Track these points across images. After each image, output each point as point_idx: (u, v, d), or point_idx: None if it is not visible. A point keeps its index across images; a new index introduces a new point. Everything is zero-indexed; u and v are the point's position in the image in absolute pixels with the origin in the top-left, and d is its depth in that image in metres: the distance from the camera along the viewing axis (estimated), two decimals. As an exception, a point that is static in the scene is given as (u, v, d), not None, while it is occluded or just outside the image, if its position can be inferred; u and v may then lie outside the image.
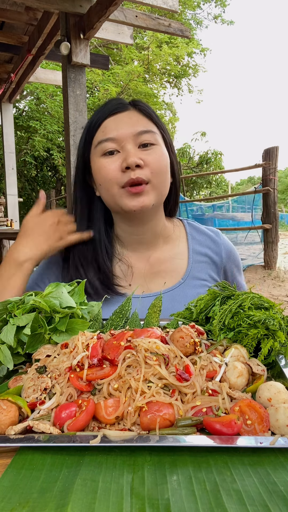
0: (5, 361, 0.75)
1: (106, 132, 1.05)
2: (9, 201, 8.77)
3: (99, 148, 1.06)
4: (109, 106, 1.10)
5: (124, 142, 1.04)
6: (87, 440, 0.53)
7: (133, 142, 1.04)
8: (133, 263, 1.16)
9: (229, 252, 1.25)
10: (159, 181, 1.06)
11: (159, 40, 15.63)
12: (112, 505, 0.45)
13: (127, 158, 1.01)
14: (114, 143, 1.04)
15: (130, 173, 1.01)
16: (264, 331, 0.73)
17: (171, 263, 1.18)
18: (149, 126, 1.07)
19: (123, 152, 1.04)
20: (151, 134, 1.05)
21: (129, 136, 1.04)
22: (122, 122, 1.06)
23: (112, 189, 1.05)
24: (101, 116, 1.09)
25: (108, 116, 1.08)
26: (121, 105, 1.09)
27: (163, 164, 1.07)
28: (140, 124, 1.06)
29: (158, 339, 0.70)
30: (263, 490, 0.47)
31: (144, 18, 4.27)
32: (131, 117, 1.07)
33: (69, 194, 4.55)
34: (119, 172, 1.03)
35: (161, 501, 0.45)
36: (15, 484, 0.49)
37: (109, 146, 1.04)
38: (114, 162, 1.04)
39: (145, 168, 1.03)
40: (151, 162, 1.03)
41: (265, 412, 0.57)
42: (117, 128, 1.05)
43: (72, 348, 0.70)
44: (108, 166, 1.04)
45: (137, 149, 1.04)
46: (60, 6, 3.93)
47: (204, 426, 0.57)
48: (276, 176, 7.15)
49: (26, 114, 16.87)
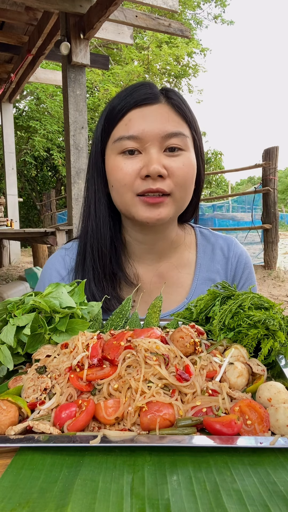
0: (5, 361, 0.75)
1: (129, 127, 0.90)
2: (9, 201, 8.78)
3: (118, 144, 0.91)
4: (138, 93, 0.92)
5: (149, 143, 0.89)
6: (87, 440, 0.53)
7: (158, 144, 0.90)
8: (140, 275, 1.06)
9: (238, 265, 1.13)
10: (182, 194, 0.93)
11: (159, 40, 15.64)
12: (112, 505, 0.45)
13: (149, 165, 0.87)
14: (137, 143, 0.90)
15: (149, 182, 0.88)
16: (264, 331, 0.73)
17: (177, 276, 1.09)
18: (181, 127, 0.92)
19: (145, 155, 0.90)
20: (181, 138, 0.91)
21: (155, 137, 0.89)
22: (149, 118, 0.90)
23: (126, 195, 0.92)
24: (126, 105, 0.91)
25: (134, 107, 0.91)
26: (152, 95, 0.92)
27: (190, 175, 0.93)
28: (171, 124, 0.90)
29: (158, 339, 0.70)
30: (263, 490, 0.47)
31: (144, 18, 4.28)
32: (162, 112, 0.91)
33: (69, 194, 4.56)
34: (137, 178, 0.90)
35: (161, 501, 0.45)
36: (15, 484, 0.49)
37: (130, 145, 0.90)
38: (133, 164, 0.90)
39: (167, 179, 0.90)
40: (176, 172, 0.90)
41: (265, 412, 0.57)
42: (143, 124, 0.89)
43: (72, 348, 0.70)
44: (126, 168, 0.90)
45: (162, 153, 0.90)
46: (60, 6, 3.94)
47: (204, 426, 0.57)
48: (276, 176, 7.15)
49: (26, 114, 16.88)
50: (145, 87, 0.93)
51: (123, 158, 0.92)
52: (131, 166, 0.90)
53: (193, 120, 0.97)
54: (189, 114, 0.96)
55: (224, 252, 1.13)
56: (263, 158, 7.17)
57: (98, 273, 1.02)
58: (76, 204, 4.56)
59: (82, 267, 1.05)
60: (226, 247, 1.14)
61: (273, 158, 7.04)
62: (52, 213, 16.22)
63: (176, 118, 0.92)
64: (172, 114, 0.92)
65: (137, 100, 0.91)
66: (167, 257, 1.09)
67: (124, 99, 0.93)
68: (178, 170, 0.90)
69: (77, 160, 4.42)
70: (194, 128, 0.97)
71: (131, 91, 0.93)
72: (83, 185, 4.42)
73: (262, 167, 7.18)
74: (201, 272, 1.11)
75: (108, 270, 1.02)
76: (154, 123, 0.89)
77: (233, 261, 1.13)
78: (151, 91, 0.93)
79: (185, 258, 1.12)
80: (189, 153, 0.94)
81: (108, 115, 0.96)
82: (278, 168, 7.15)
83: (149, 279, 1.08)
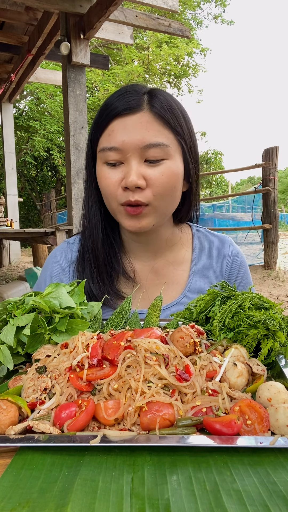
0: (5, 361, 0.75)
1: (112, 138, 0.92)
2: (9, 201, 8.78)
3: (102, 154, 0.95)
4: (121, 102, 0.93)
5: (129, 154, 0.91)
6: (87, 440, 0.53)
7: (138, 155, 0.91)
8: (136, 271, 1.10)
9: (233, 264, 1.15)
10: (161, 204, 0.95)
11: (159, 40, 15.64)
12: (112, 505, 0.45)
13: (127, 176, 0.90)
14: (118, 154, 0.92)
15: (129, 194, 0.91)
16: (264, 331, 0.73)
17: (173, 273, 1.12)
18: (161, 136, 0.91)
19: (126, 165, 0.92)
20: (161, 148, 0.91)
21: (135, 148, 0.90)
22: (130, 128, 0.91)
23: (112, 203, 0.96)
24: (109, 115, 0.93)
25: (116, 117, 0.93)
26: (134, 104, 0.92)
27: (170, 184, 0.94)
28: (150, 133, 0.90)
29: (158, 339, 0.70)
30: (263, 490, 0.47)
31: (144, 18, 4.28)
32: (142, 122, 0.91)
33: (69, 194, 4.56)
34: (119, 188, 0.93)
35: (161, 501, 0.45)
36: (15, 484, 0.49)
37: (112, 157, 0.93)
38: (115, 174, 0.93)
39: (147, 190, 0.92)
40: (155, 182, 0.91)
41: (265, 412, 0.58)
42: (124, 136, 0.91)
43: (72, 348, 0.70)
44: (109, 178, 0.94)
45: (142, 163, 0.92)
46: (60, 6, 3.94)
47: (204, 426, 0.57)
48: (276, 176, 7.15)
49: (26, 114, 16.88)
50: (129, 94, 0.94)
51: (107, 168, 0.95)
52: (114, 176, 0.93)
53: (178, 125, 0.95)
54: (173, 119, 0.94)
55: (220, 250, 1.16)
56: (263, 158, 7.17)
57: (94, 271, 1.06)
58: (76, 204, 4.56)
59: (82, 265, 1.09)
60: (222, 246, 1.17)
61: (273, 158, 7.04)
62: (52, 213, 16.23)
63: (157, 127, 0.92)
64: (153, 123, 0.91)
65: (119, 110, 0.92)
66: (163, 254, 1.12)
67: (110, 106, 0.94)
68: (157, 180, 0.91)
69: (77, 160, 4.42)
70: (179, 133, 0.95)
71: (116, 99, 0.94)
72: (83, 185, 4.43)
73: (262, 167, 7.18)
74: (197, 269, 1.13)
75: (103, 268, 1.06)
76: (134, 134, 0.90)
77: (228, 259, 1.15)
78: (134, 99, 0.92)
79: (181, 255, 1.15)
80: (171, 161, 0.93)
81: (94, 122, 0.99)
82: (278, 168, 7.15)
83: (145, 275, 1.11)
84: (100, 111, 0.97)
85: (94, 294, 1.04)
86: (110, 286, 1.05)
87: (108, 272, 1.06)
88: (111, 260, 1.07)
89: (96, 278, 1.05)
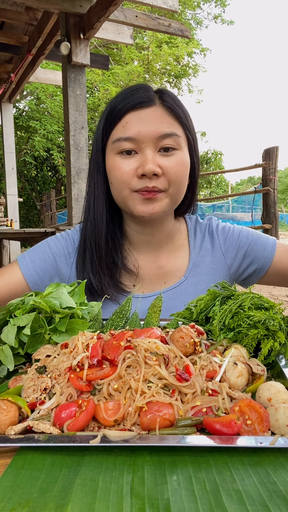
0: (6, 362, 0.74)
1: (127, 129, 0.97)
2: (9, 201, 8.77)
3: (117, 145, 0.98)
4: (134, 97, 0.98)
5: (144, 144, 0.96)
6: (87, 440, 0.53)
7: (153, 145, 0.97)
8: (140, 264, 1.13)
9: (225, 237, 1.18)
10: (175, 190, 1.00)
11: (159, 40, 15.64)
12: (112, 505, 0.45)
13: (144, 164, 0.95)
14: (133, 144, 0.97)
15: (145, 181, 0.96)
16: (264, 332, 0.73)
17: (174, 263, 1.16)
18: (174, 127, 0.99)
19: (141, 155, 0.97)
20: (174, 138, 0.97)
21: (150, 139, 0.96)
22: (145, 120, 0.96)
23: (124, 191, 0.99)
24: (124, 108, 0.98)
25: (131, 110, 0.98)
26: (147, 98, 0.98)
27: (183, 172, 1.00)
28: (164, 125, 0.97)
29: (158, 339, 0.70)
30: (263, 490, 0.47)
31: (144, 18, 4.28)
32: (156, 115, 0.97)
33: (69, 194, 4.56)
34: (134, 177, 0.97)
35: (161, 501, 0.45)
36: (15, 484, 0.49)
37: (127, 146, 0.97)
38: (130, 164, 0.97)
39: (162, 177, 0.97)
40: (170, 170, 0.97)
41: (265, 412, 0.58)
42: (139, 126, 0.96)
43: (72, 348, 0.70)
44: (124, 167, 0.97)
45: (157, 153, 0.97)
46: (60, 6, 3.94)
47: (204, 426, 0.57)
48: (276, 176, 7.15)
49: (26, 114, 16.88)
50: (141, 90, 1.00)
51: (121, 158, 0.98)
52: (129, 166, 0.97)
53: (186, 120, 1.02)
54: (182, 114, 1.01)
55: (208, 231, 1.21)
56: (263, 158, 7.16)
57: (95, 264, 1.08)
58: (76, 204, 4.56)
59: (83, 257, 1.10)
60: (208, 226, 1.22)
61: (273, 158, 7.03)
62: (52, 213, 16.23)
63: (169, 120, 0.98)
64: (165, 116, 0.98)
65: (133, 104, 0.97)
66: (165, 245, 1.16)
67: (122, 101, 0.99)
68: (172, 168, 0.97)
69: (77, 160, 4.42)
70: (187, 127, 1.02)
71: (129, 94, 0.99)
72: (83, 185, 4.42)
73: (262, 167, 7.17)
74: (195, 252, 1.17)
75: (104, 260, 1.08)
76: (149, 125, 0.96)
77: (220, 236, 1.18)
78: (146, 94, 0.98)
79: (180, 243, 1.19)
80: (182, 152, 1.00)
81: (107, 116, 1.02)
82: (278, 168, 7.15)
83: (148, 267, 1.14)
84: (111, 107, 1.01)
85: (94, 286, 1.05)
86: (110, 278, 1.07)
87: (109, 264, 1.08)
88: (113, 253, 1.09)
89: (97, 270, 1.06)
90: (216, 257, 1.16)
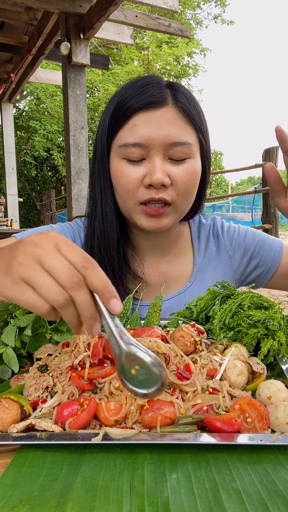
0: (11, 363, 0.74)
1: (135, 132, 0.87)
2: (9, 201, 8.77)
3: (123, 150, 0.89)
4: (145, 95, 0.87)
5: (154, 151, 0.87)
6: (88, 438, 0.53)
7: (163, 152, 0.88)
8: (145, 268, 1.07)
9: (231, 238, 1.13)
10: (183, 203, 0.93)
11: (159, 40, 15.64)
12: (112, 503, 0.45)
13: (152, 174, 0.86)
14: (142, 149, 0.87)
15: (152, 191, 0.88)
16: (264, 331, 0.73)
17: (178, 268, 1.10)
18: (186, 133, 0.89)
19: (149, 162, 0.88)
20: (186, 146, 0.88)
21: (160, 145, 0.87)
22: (155, 124, 0.86)
23: (129, 202, 0.92)
24: (132, 107, 0.88)
25: (140, 110, 0.87)
26: (159, 97, 0.87)
27: (192, 182, 0.92)
28: (177, 131, 0.87)
29: (159, 338, 0.70)
30: (262, 489, 0.47)
31: (144, 18, 4.28)
32: (168, 117, 0.87)
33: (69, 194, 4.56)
34: (140, 186, 0.89)
35: (161, 499, 0.46)
36: (16, 482, 0.49)
37: (134, 154, 0.88)
38: (136, 171, 0.89)
39: (170, 188, 0.89)
40: (179, 181, 0.88)
41: (265, 410, 0.58)
42: (149, 131, 0.86)
43: (73, 347, 0.70)
44: (130, 175, 0.89)
45: (166, 161, 0.89)
46: (60, 6, 3.94)
47: (204, 424, 0.57)
48: (276, 176, 7.14)
49: (26, 114, 16.87)
50: (152, 86, 0.88)
51: (127, 164, 0.90)
52: (135, 173, 0.89)
53: (200, 123, 0.93)
54: (196, 116, 0.92)
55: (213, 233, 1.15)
56: (263, 158, 7.16)
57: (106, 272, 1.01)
58: (76, 204, 4.56)
59: None
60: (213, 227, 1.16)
61: (273, 158, 7.03)
62: (52, 213, 16.22)
63: (182, 124, 0.89)
64: (178, 119, 0.89)
65: (143, 103, 0.87)
66: (169, 250, 1.11)
67: (131, 99, 0.88)
68: (181, 179, 0.89)
69: (77, 160, 4.42)
70: (201, 130, 0.93)
71: (139, 90, 0.88)
72: (83, 185, 4.42)
73: (262, 167, 7.18)
74: (200, 255, 1.12)
75: (118, 271, 1.02)
76: (160, 130, 0.86)
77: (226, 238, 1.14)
78: (158, 92, 0.88)
79: (184, 247, 1.13)
80: (193, 160, 0.92)
81: (114, 112, 0.92)
82: (278, 168, 7.14)
83: (153, 272, 1.08)
84: (118, 103, 0.91)
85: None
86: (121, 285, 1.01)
87: (119, 272, 1.02)
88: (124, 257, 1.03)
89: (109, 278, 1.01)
90: (222, 260, 1.12)
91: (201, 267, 1.11)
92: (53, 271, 0.49)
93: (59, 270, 0.49)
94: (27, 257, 0.50)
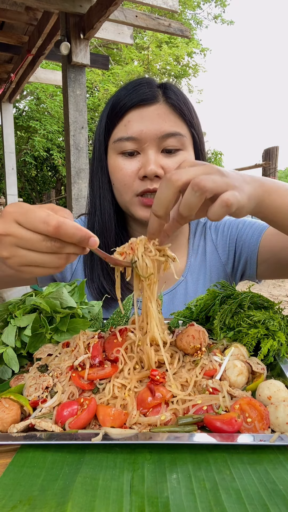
0: (11, 364, 0.74)
1: (128, 128, 0.93)
2: (9, 201, 8.77)
3: (118, 145, 0.95)
4: (137, 94, 0.94)
5: (147, 144, 0.93)
6: (89, 438, 0.53)
7: (156, 145, 0.93)
8: None
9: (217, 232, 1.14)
10: None
11: (159, 40, 15.63)
12: (112, 503, 0.45)
13: (146, 166, 0.91)
14: (135, 143, 0.93)
15: (147, 183, 0.93)
16: (264, 331, 0.73)
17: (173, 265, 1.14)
18: (178, 126, 0.95)
19: (143, 155, 0.94)
20: (178, 138, 0.94)
21: (153, 138, 0.92)
22: (147, 119, 0.93)
23: (126, 194, 0.97)
24: (125, 106, 0.94)
25: (133, 108, 0.94)
26: (150, 95, 0.94)
27: None
28: (168, 124, 0.93)
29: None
30: (262, 489, 0.47)
31: (144, 18, 4.28)
32: (159, 113, 0.93)
33: (69, 194, 4.56)
34: (136, 179, 0.94)
35: (161, 499, 0.46)
36: (16, 482, 0.49)
37: (129, 146, 0.94)
38: (132, 165, 0.94)
39: None
40: None
41: (265, 410, 0.58)
42: (141, 126, 0.92)
43: (73, 347, 0.70)
44: (125, 169, 0.94)
45: (159, 153, 0.94)
46: (60, 6, 3.94)
47: (205, 423, 0.57)
48: (276, 176, 7.15)
49: (26, 114, 16.86)
50: (144, 86, 0.95)
51: (122, 158, 0.95)
52: (130, 167, 0.94)
53: (191, 118, 0.98)
54: (187, 111, 0.97)
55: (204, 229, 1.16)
56: (263, 158, 7.16)
57: (106, 267, 1.04)
58: (76, 204, 4.56)
59: (90, 262, 1.06)
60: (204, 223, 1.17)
61: (273, 158, 7.03)
62: (52, 213, 16.18)
63: (173, 118, 0.94)
64: (169, 114, 0.94)
65: (135, 101, 0.93)
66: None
67: (124, 98, 0.94)
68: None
69: (77, 160, 4.42)
70: (192, 125, 0.98)
71: (131, 90, 0.95)
72: (83, 185, 4.41)
73: (262, 167, 7.17)
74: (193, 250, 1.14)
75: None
76: (152, 124, 0.92)
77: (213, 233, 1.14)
78: (149, 91, 0.94)
79: (181, 243, 1.15)
80: (186, 152, 0.96)
81: (109, 112, 0.98)
82: (278, 168, 7.14)
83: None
84: (113, 103, 0.97)
85: (107, 290, 1.02)
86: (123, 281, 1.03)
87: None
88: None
89: (110, 275, 1.03)
90: (211, 255, 1.13)
91: (193, 263, 1.13)
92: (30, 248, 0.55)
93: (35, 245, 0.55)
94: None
